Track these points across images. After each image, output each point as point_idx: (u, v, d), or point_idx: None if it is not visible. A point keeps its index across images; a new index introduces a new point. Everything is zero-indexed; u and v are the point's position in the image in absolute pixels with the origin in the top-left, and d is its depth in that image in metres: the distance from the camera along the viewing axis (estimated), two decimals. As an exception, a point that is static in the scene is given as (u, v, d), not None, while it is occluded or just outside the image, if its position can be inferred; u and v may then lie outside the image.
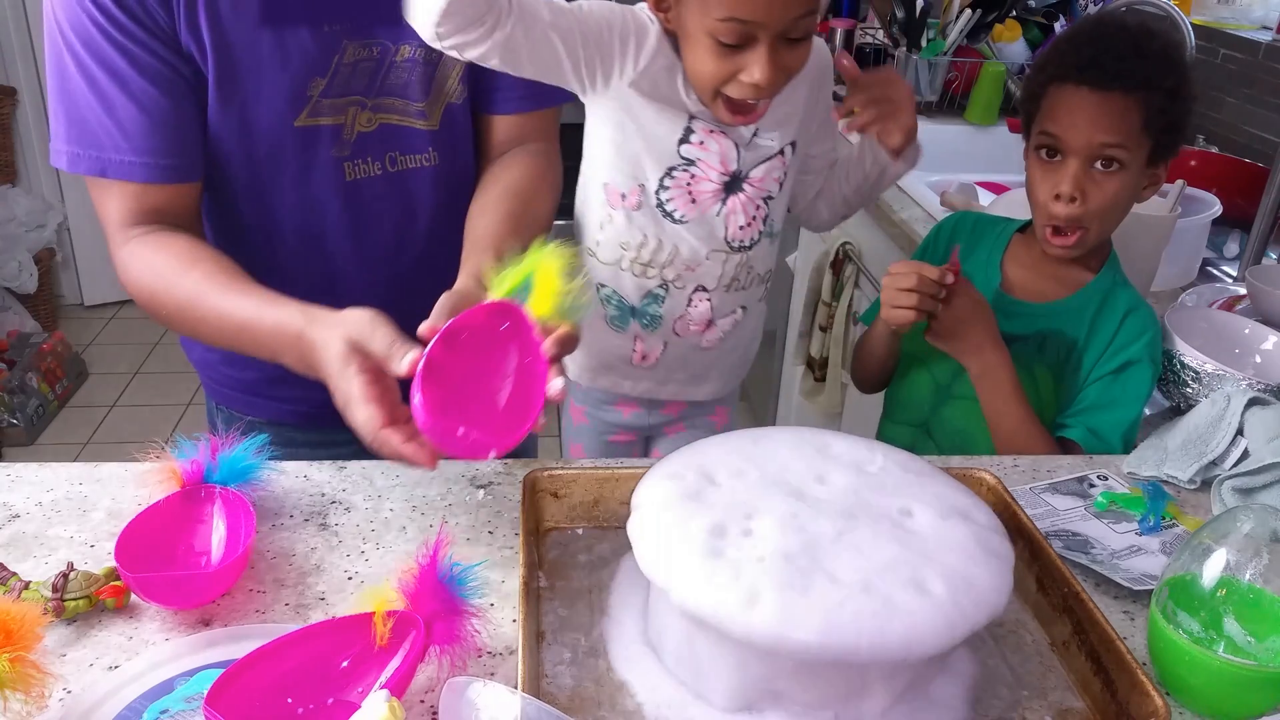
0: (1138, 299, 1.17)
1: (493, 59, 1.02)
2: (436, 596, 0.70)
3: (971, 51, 2.47)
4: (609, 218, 1.19)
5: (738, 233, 1.19)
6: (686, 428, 1.38)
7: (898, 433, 1.30)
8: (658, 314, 1.22)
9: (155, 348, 3.45)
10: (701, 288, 1.22)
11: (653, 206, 1.17)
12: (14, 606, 0.66)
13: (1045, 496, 0.98)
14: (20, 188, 3.44)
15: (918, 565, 0.68)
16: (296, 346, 0.88)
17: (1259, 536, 0.73)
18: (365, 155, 1.10)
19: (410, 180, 1.14)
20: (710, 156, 1.15)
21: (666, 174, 1.15)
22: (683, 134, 1.14)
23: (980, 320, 1.14)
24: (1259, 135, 1.86)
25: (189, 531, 0.84)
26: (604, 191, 1.18)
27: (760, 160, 1.17)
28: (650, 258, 1.19)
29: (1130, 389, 1.13)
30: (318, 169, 1.09)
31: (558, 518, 0.89)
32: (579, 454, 1.40)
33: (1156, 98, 1.08)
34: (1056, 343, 1.18)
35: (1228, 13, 1.99)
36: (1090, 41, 1.11)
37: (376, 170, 1.11)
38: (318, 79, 1.04)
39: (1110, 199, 1.10)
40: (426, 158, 1.14)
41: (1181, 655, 0.72)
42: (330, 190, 1.10)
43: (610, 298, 1.22)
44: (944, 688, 0.73)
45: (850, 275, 2.03)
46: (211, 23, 0.98)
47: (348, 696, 0.69)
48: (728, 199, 1.17)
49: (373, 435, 0.80)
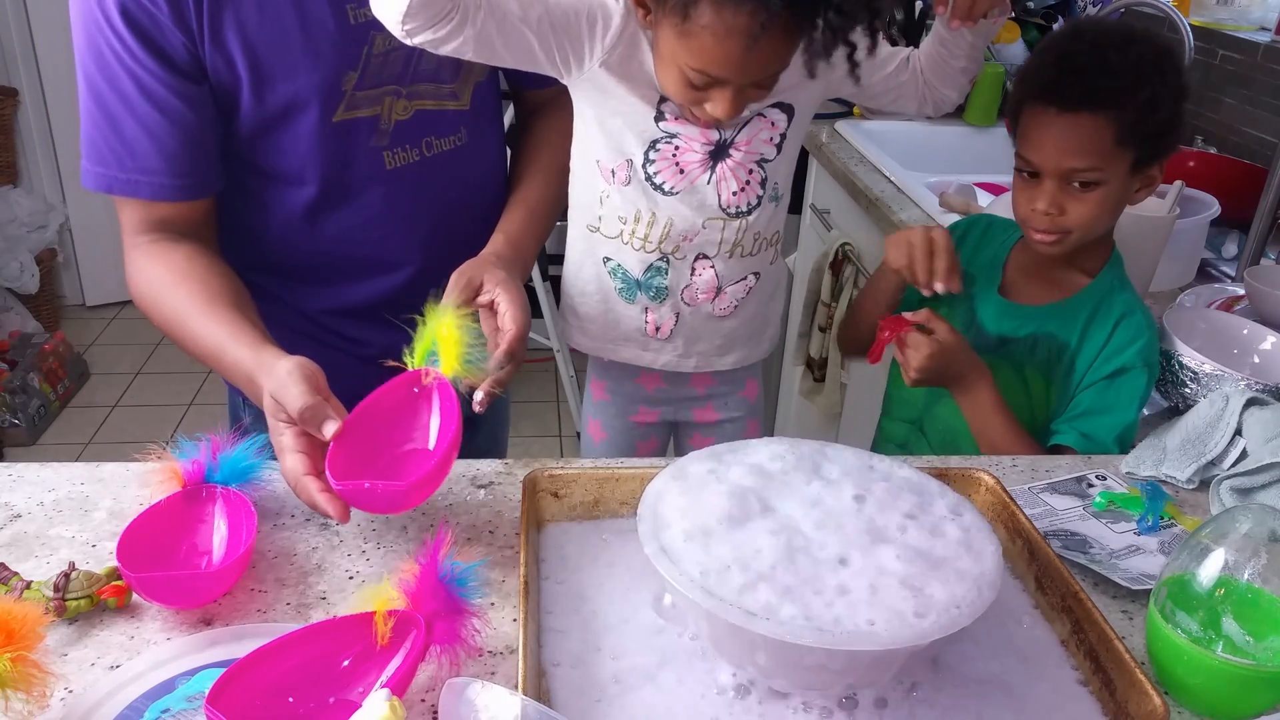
0: (1134, 303, 1.17)
1: (468, 52, 1.03)
2: (437, 596, 0.71)
3: (971, 52, 2.47)
4: (606, 193, 1.19)
5: (731, 199, 1.18)
6: (716, 409, 1.36)
7: (894, 429, 1.32)
8: (662, 286, 1.22)
9: (157, 348, 3.45)
10: (703, 255, 1.20)
11: (641, 180, 1.17)
12: (16, 606, 0.66)
13: (1044, 496, 0.98)
14: (22, 188, 3.44)
15: (906, 566, 0.68)
16: (250, 387, 0.94)
17: (1257, 536, 0.73)
18: (404, 143, 1.13)
19: (445, 162, 1.17)
20: (689, 129, 1.14)
21: (650, 147, 1.15)
22: (656, 111, 1.14)
23: (952, 357, 1.14)
24: (1257, 136, 1.86)
25: (190, 531, 0.85)
26: (597, 168, 1.18)
27: (741, 125, 1.16)
28: (646, 231, 1.18)
29: (1124, 394, 1.13)
30: (359, 160, 1.11)
31: (558, 517, 0.89)
32: (596, 432, 1.38)
33: (1128, 113, 1.07)
34: (1048, 345, 1.18)
35: (1226, 14, 1.99)
36: (1056, 60, 1.11)
37: (415, 156, 1.15)
38: (350, 73, 1.05)
39: (1090, 213, 1.11)
40: (458, 138, 1.18)
41: (1180, 655, 0.72)
42: (372, 180, 1.13)
43: (616, 270, 1.23)
44: (943, 686, 0.73)
45: (849, 276, 2.03)
46: (239, 33, 0.99)
47: (349, 696, 0.69)
48: (716, 166, 1.16)
49: (294, 481, 0.85)
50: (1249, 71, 1.89)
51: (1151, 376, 1.15)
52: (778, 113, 1.17)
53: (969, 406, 1.16)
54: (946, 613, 0.66)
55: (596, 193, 1.20)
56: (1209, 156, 1.84)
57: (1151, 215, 1.38)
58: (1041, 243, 1.14)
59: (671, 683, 0.72)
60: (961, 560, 0.70)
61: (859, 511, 0.73)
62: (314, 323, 1.21)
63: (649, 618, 0.77)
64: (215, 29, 0.98)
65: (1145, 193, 1.15)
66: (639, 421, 1.36)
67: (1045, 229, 1.12)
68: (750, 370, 1.36)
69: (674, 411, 1.36)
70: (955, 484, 0.88)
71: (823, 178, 2.24)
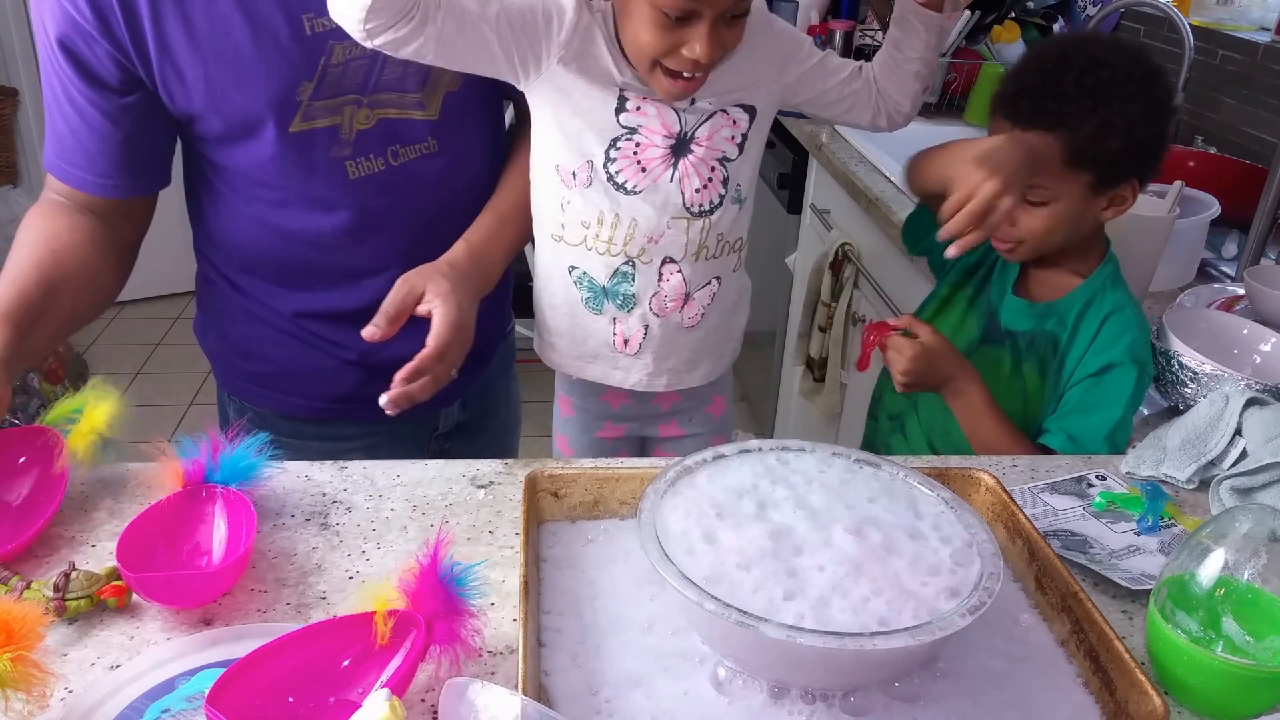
0: (1124, 301, 1.16)
1: (427, 55, 1.01)
2: (437, 596, 0.71)
3: (970, 53, 2.47)
4: (567, 200, 1.17)
5: (694, 196, 1.16)
6: (681, 425, 1.35)
7: (880, 425, 1.34)
8: (630, 293, 1.19)
9: (157, 348, 3.45)
10: (669, 259, 1.18)
11: (603, 181, 1.15)
12: (15, 606, 0.66)
13: (1044, 496, 0.98)
14: (22, 188, 3.44)
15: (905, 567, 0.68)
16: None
17: (1257, 536, 0.73)
18: (367, 152, 1.12)
19: (414, 170, 1.15)
20: (651, 121, 1.13)
21: (611, 145, 1.13)
22: (617, 103, 1.12)
23: (937, 360, 1.15)
24: (1257, 136, 1.86)
25: (190, 531, 0.85)
26: (557, 173, 1.16)
27: (703, 119, 1.15)
28: (610, 234, 1.16)
29: (1112, 392, 1.12)
30: (320, 170, 1.10)
31: (558, 517, 0.89)
32: (564, 448, 1.38)
33: (1077, 137, 1.08)
34: (1043, 342, 1.19)
35: (1226, 14, 1.99)
36: (1019, 75, 1.13)
37: (380, 166, 1.13)
38: (305, 83, 1.05)
39: (1040, 226, 1.13)
40: (427, 146, 1.16)
41: (1180, 655, 0.73)
42: (336, 191, 1.11)
43: (582, 279, 1.20)
44: (943, 686, 0.73)
45: (849, 276, 2.03)
46: (188, 44, 1.01)
47: (349, 695, 0.69)
48: (678, 162, 1.15)
49: None
50: (1249, 71, 1.89)
51: (1143, 373, 1.13)
52: (740, 111, 1.16)
53: (960, 408, 1.17)
54: (946, 612, 0.66)
55: (558, 200, 1.18)
56: (1209, 156, 1.84)
57: (1151, 215, 1.38)
58: (998, 248, 1.17)
59: (671, 682, 0.72)
60: (960, 560, 0.71)
61: (856, 514, 0.73)
62: (293, 323, 1.21)
63: (649, 618, 0.77)
64: (161, 40, 1.00)
65: (1114, 211, 1.15)
66: (605, 438, 1.35)
67: (999, 236, 1.15)
68: (716, 386, 1.35)
69: (640, 427, 1.36)
70: (955, 484, 0.89)
71: (823, 178, 2.24)
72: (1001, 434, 1.14)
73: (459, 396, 1.35)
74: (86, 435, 0.90)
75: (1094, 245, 1.19)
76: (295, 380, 1.24)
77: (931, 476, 0.81)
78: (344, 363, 1.23)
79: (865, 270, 1.97)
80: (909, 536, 0.72)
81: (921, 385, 1.18)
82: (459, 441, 1.40)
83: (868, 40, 2.70)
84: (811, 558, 0.69)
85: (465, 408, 1.39)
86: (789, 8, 2.80)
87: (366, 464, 0.98)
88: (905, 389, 1.18)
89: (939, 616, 0.66)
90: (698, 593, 0.66)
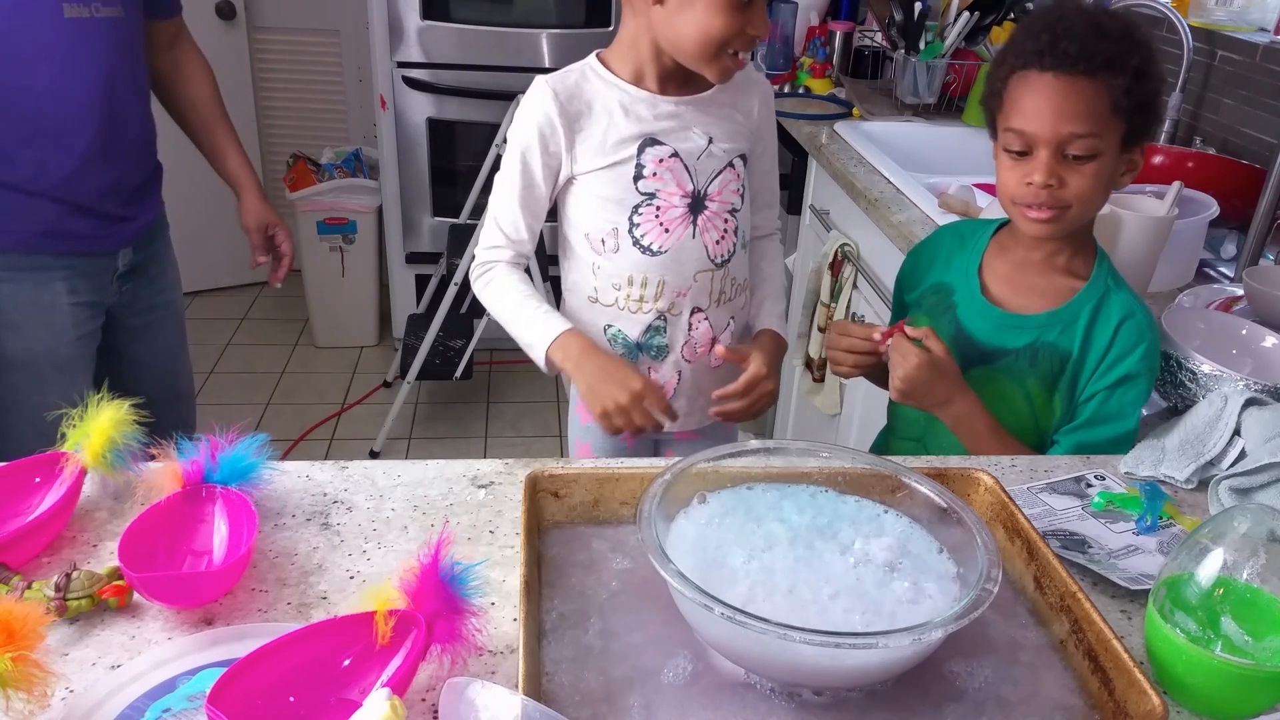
0: (1131, 302, 1.14)
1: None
2: (438, 595, 0.71)
3: (969, 54, 2.47)
4: (597, 265, 1.28)
5: (715, 248, 1.28)
6: (696, 430, 1.41)
7: (900, 446, 1.30)
8: (662, 344, 1.31)
9: None
10: (697, 309, 1.30)
11: (630, 245, 1.25)
12: (17, 606, 0.66)
13: (1043, 496, 0.98)
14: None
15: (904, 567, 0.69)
16: None
17: (1256, 536, 0.73)
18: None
19: (107, 28, 1.38)
20: (667, 184, 1.24)
21: (634, 212, 1.24)
22: (635, 171, 1.23)
23: (940, 377, 1.11)
24: (1256, 136, 1.86)
25: (191, 531, 0.85)
26: (587, 242, 1.27)
27: (714, 174, 1.26)
28: (640, 293, 1.27)
29: (1127, 403, 1.11)
30: (34, 3, 1.30)
31: (558, 517, 0.89)
32: (586, 454, 1.41)
33: (1123, 78, 1.03)
34: (1049, 355, 1.14)
35: (1225, 14, 1.99)
36: (1048, 26, 1.06)
37: (87, 13, 1.33)
38: None
39: (1088, 186, 1.06)
40: (118, 11, 1.39)
41: (1179, 654, 0.73)
42: (50, 28, 1.30)
43: (616, 337, 1.31)
44: (942, 686, 0.73)
45: (849, 276, 2.03)
46: None
47: (349, 695, 0.69)
48: (697, 219, 1.26)
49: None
50: (1248, 72, 1.89)
51: (1151, 380, 1.13)
52: (740, 162, 1.29)
53: (962, 433, 1.14)
54: (945, 613, 0.66)
55: (589, 265, 1.28)
56: (1208, 157, 1.84)
57: (1151, 215, 1.38)
58: (1037, 220, 1.08)
59: (671, 682, 0.72)
60: (959, 560, 0.71)
61: (853, 516, 0.74)
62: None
63: (649, 617, 0.78)
64: None
65: (1129, 178, 1.11)
66: (626, 443, 1.38)
67: (1042, 203, 1.06)
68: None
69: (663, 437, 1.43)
70: (954, 484, 0.89)
71: (822, 178, 2.24)
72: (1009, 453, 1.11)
73: (130, 241, 1.56)
74: (100, 448, 0.88)
75: (1085, 241, 1.16)
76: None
77: (931, 476, 0.82)
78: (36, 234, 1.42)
79: (865, 271, 1.97)
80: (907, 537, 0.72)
81: (917, 398, 1.13)
82: (138, 283, 1.60)
83: (867, 41, 2.70)
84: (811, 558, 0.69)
85: (136, 252, 1.59)
86: (789, 9, 2.80)
87: (367, 464, 0.98)
88: (901, 397, 1.13)
89: (939, 616, 0.66)
90: (697, 592, 0.66)
